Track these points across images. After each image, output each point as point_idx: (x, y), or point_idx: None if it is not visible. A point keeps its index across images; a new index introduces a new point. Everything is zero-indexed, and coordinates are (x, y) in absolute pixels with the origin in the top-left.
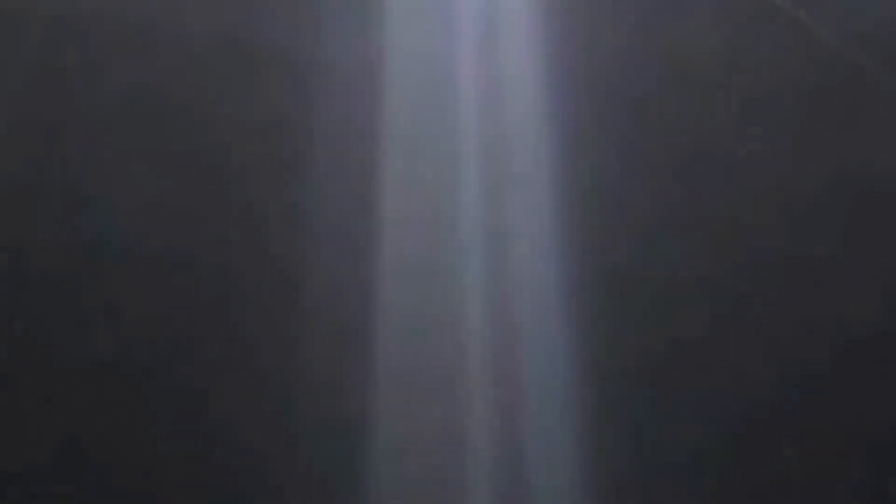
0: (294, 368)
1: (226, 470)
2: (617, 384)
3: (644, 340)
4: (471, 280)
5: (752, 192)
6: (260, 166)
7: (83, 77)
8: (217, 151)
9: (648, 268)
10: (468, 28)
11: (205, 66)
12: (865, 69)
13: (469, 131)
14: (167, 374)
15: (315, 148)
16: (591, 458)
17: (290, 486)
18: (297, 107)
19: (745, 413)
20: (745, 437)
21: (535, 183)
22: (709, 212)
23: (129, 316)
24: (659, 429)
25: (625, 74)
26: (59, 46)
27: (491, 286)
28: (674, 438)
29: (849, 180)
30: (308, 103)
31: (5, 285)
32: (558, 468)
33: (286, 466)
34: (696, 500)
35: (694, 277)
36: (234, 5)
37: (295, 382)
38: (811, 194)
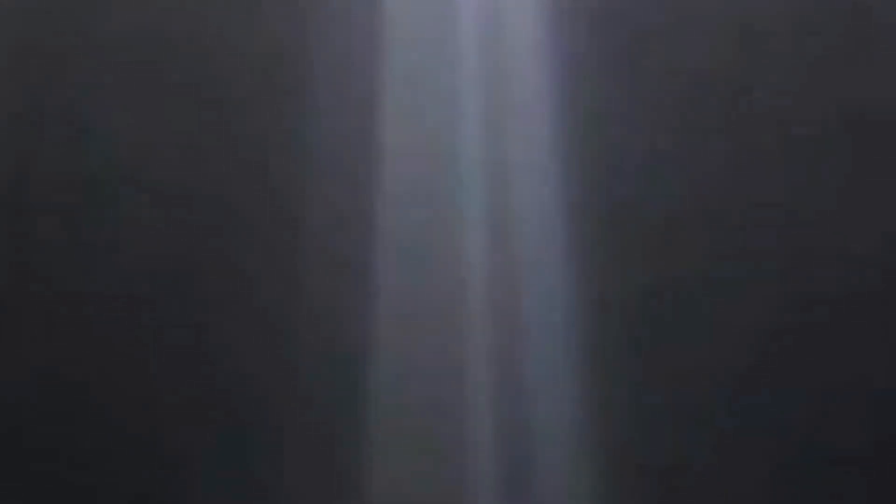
0: (293, 300)
1: (225, 403)
2: (617, 315)
3: (645, 272)
4: (471, 212)
5: (755, 126)
6: (260, 98)
7: (84, 7)
8: (217, 83)
9: (650, 200)
10: None
11: None
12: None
13: (469, 62)
14: (166, 305)
15: (315, 80)
16: (590, 388)
17: (290, 417)
18: (296, 39)
19: (747, 343)
20: (747, 367)
21: (535, 114)
22: (711, 144)
23: (128, 247)
24: (660, 358)
25: (627, 4)
26: None
27: (491, 217)
28: (675, 368)
29: (854, 113)
30: (308, 35)
31: (4, 215)
32: (558, 398)
33: (286, 398)
34: (696, 428)
35: (695, 210)
36: None
37: (294, 314)
38: (815, 128)
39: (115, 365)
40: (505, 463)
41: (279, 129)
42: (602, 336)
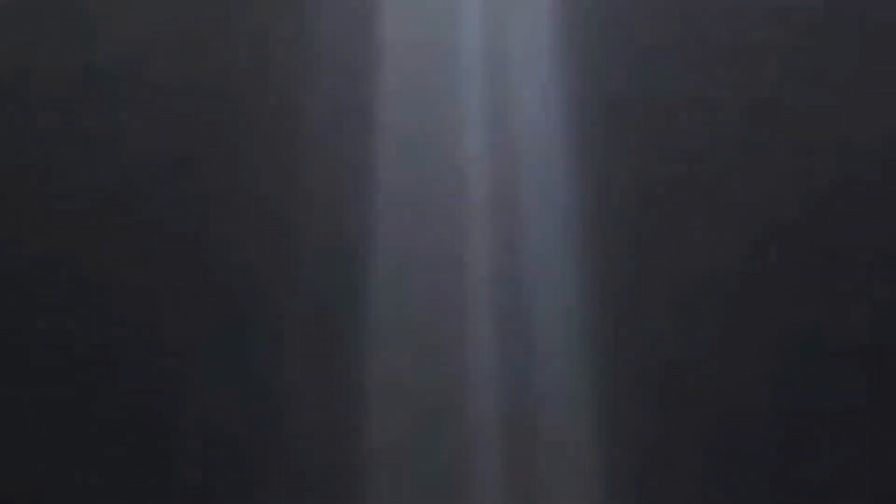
0: (294, 193)
1: (225, 295)
2: (617, 206)
3: (644, 161)
4: (470, 104)
5: (757, 12)
6: None
7: None
8: None
9: (649, 91)
10: None
11: None
12: None
13: None
14: (167, 198)
15: None
16: (590, 279)
17: (290, 309)
18: None
19: (748, 238)
20: (746, 259)
21: (535, 5)
22: (712, 35)
23: (129, 141)
24: (659, 249)
25: None
26: None
27: (490, 110)
28: (675, 259)
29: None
30: None
31: (5, 109)
32: (557, 289)
33: (285, 290)
34: (695, 319)
35: (695, 98)
36: None
37: (295, 207)
38: (816, 19)
39: (115, 257)
40: (504, 354)
41: (280, 23)
42: (602, 227)
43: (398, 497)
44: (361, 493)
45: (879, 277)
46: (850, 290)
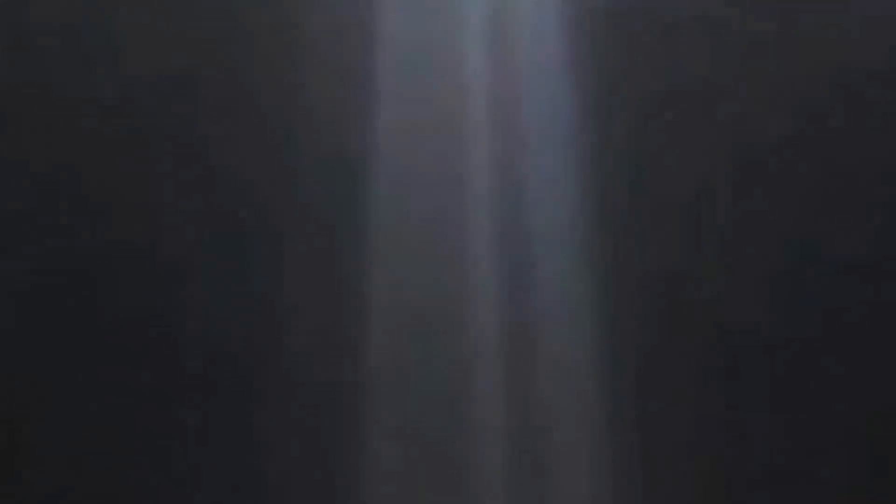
0: (294, 107)
1: (225, 210)
2: (618, 122)
3: (646, 78)
4: (471, 18)
5: None
6: None
7: None
8: None
9: (652, 6)
10: None
11: None
12: None
13: None
14: (167, 113)
15: None
16: (591, 195)
17: (290, 225)
18: None
19: (747, 151)
20: (748, 173)
21: None
22: None
23: (130, 55)
24: (660, 165)
25: None
26: None
27: (491, 24)
28: (675, 174)
29: None
30: None
31: (5, 25)
32: (559, 206)
33: (286, 205)
34: (696, 233)
35: (696, 15)
36: None
37: (295, 121)
38: None
39: (116, 174)
40: (505, 269)
41: None
42: (602, 141)
43: (399, 413)
44: (362, 409)
45: (879, 192)
46: (849, 204)
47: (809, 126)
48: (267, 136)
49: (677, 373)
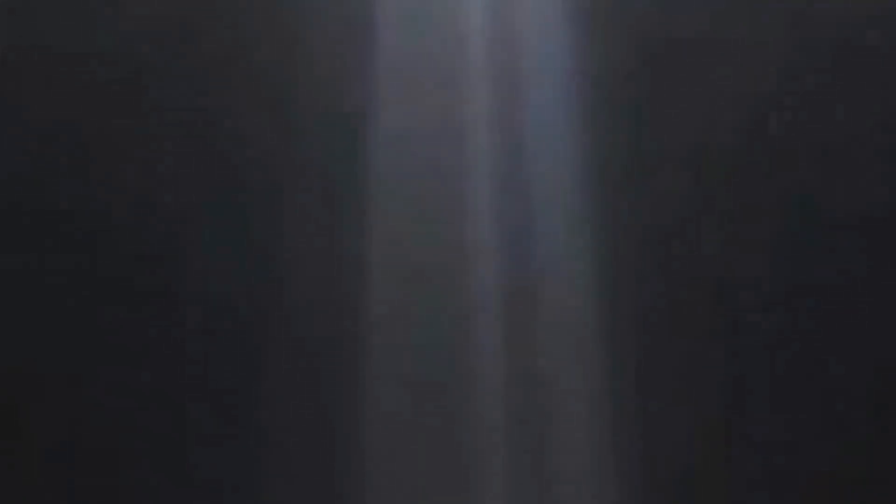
0: (293, 61)
1: (225, 164)
2: (618, 79)
3: (644, 35)
4: None
5: None
6: None
7: None
8: None
9: None
10: None
11: None
12: None
13: None
14: (167, 68)
15: None
16: (589, 150)
17: (289, 179)
18: None
19: (751, 102)
20: (749, 133)
21: None
22: None
23: (128, 7)
24: (663, 121)
25: None
26: None
27: None
28: (675, 133)
29: None
30: None
31: None
32: (558, 159)
33: (285, 159)
34: (696, 194)
35: None
36: None
37: (294, 75)
38: None
39: (115, 127)
40: (505, 222)
41: None
42: (603, 93)
43: (398, 366)
44: (361, 361)
45: (881, 146)
46: (853, 157)
47: (811, 80)
48: (266, 90)
49: (677, 325)
